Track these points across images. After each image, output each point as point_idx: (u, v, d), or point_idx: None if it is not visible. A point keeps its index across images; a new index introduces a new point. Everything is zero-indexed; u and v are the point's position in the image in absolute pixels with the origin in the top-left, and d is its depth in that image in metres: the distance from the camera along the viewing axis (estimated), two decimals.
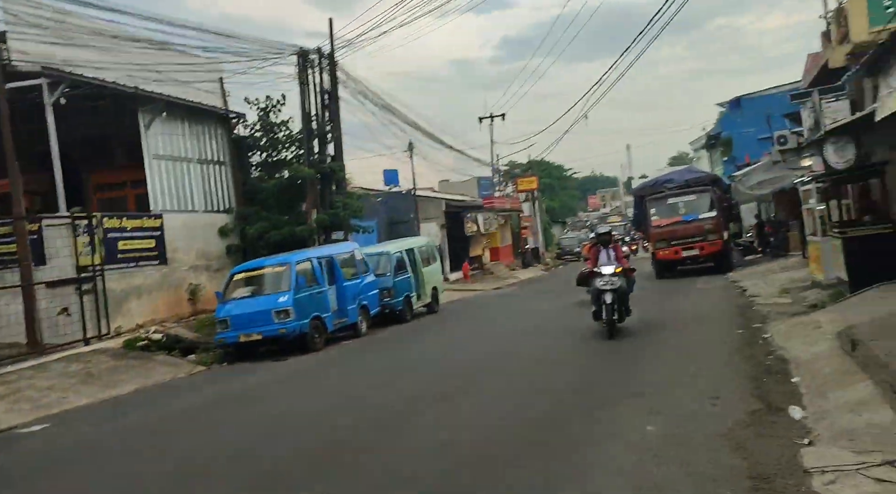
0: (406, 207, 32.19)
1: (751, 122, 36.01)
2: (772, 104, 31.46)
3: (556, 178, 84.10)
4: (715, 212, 23.26)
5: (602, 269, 11.28)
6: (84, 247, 15.00)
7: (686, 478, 4.94)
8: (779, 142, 21.26)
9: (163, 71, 16.93)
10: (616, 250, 11.72)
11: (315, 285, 14.89)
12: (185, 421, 9.03)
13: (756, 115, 34.01)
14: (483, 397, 8.33)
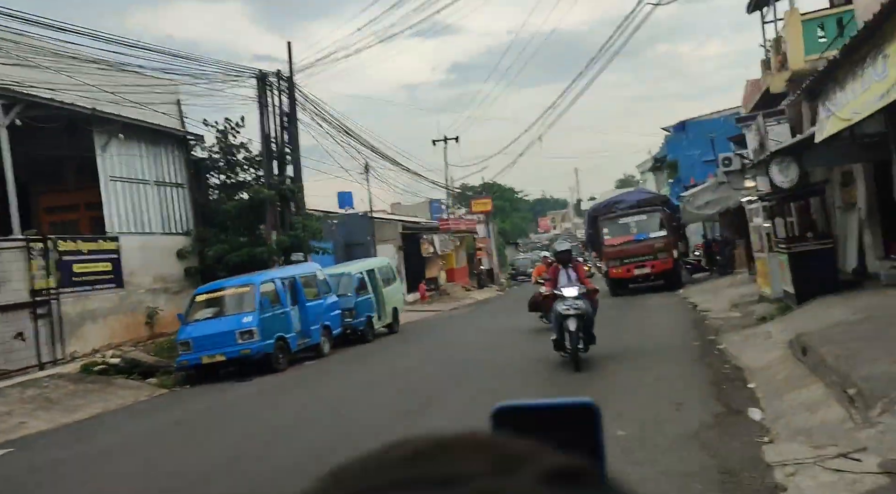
0: (362, 229, 32.27)
1: (695, 145, 37.17)
2: (715, 128, 32.62)
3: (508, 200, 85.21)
4: (665, 232, 24.05)
5: (564, 291, 9.85)
6: (39, 270, 14.68)
7: (660, 476, 5.23)
8: (724, 164, 22.18)
9: (120, 92, 16.80)
10: (578, 270, 10.39)
11: (278, 305, 14.88)
12: (150, 444, 8.95)
13: (700, 139, 35.19)
14: (446, 413, 8.46)
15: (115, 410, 11.77)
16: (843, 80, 9.19)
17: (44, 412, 11.16)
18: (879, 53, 7.34)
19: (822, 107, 10.35)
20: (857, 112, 8.10)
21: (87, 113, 16.26)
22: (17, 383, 12.72)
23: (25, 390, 12.19)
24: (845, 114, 8.65)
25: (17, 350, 14.01)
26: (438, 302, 33.49)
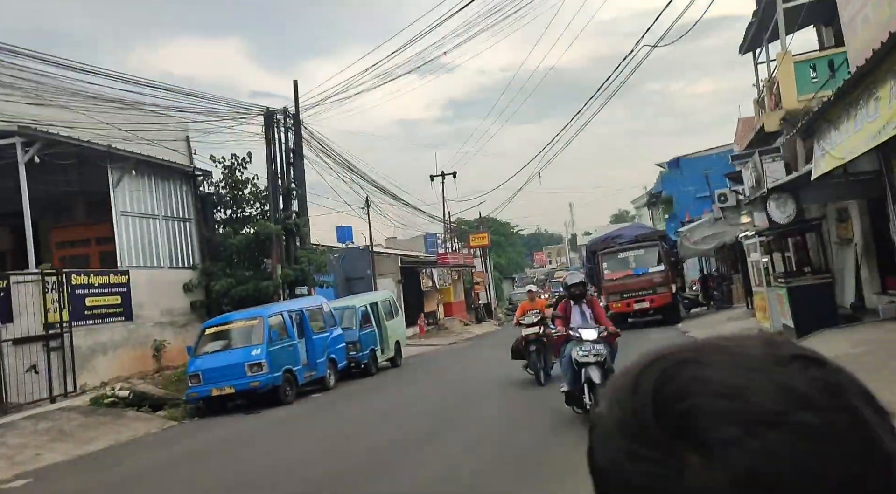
0: (362, 263, 32.58)
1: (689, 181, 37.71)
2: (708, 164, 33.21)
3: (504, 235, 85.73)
4: (663, 267, 24.42)
5: (582, 333, 8.27)
6: (52, 303, 14.90)
7: None
8: (720, 200, 22.68)
9: (133, 130, 17.24)
10: (594, 306, 8.91)
11: (286, 338, 15.10)
12: (165, 475, 9.10)
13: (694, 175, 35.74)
14: (447, 449, 8.42)
15: (128, 442, 11.88)
16: (837, 120, 9.64)
17: (58, 444, 11.28)
18: (871, 96, 7.78)
19: (816, 145, 10.79)
20: (851, 151, 8.52)
21: (102, 150, 16.66)
22: (29, 415, 12.83)
23: (38, 422, 12.30)
24: (839, 153, 9.07)
25: (30, 382, 14.14)
26: (437, 336, 33.62)
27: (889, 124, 6.90)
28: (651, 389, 0.47)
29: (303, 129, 21.95)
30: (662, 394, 0.47)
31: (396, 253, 37.21)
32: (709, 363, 0.47)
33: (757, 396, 0.44)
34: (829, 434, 0.43)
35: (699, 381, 0.46)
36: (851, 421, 0.45)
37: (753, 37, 18.74)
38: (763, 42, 18.91)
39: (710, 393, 0.45)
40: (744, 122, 23.89)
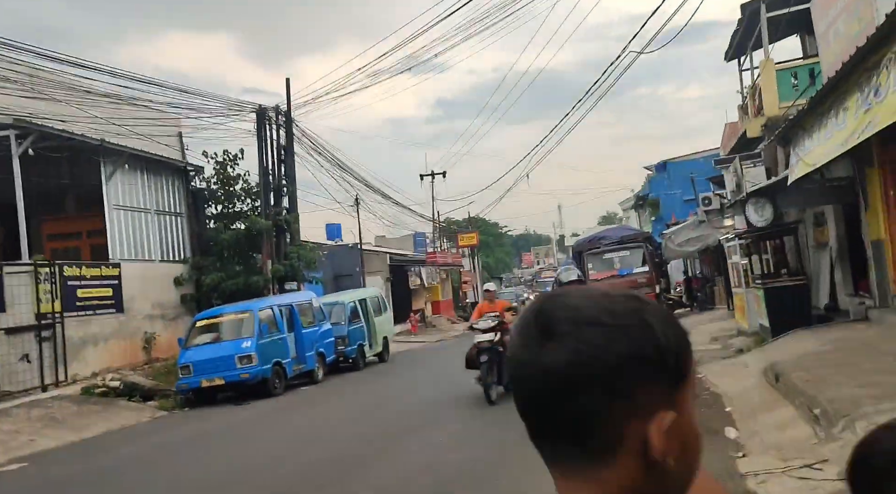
0: (351, 261, 32.82)
1: (676, 185, 38.22)
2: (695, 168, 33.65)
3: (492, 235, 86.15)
4: (647, 268, 24.85)
5: None
6: (45, 294, 15.10)
7: None
8: (704, 203, 23.14)
9: (127, 125, 17.44)
10: None
11: (276, 332, 15.38)
12: (155, 461, 9.38)
13: (680, 178, 36.20)
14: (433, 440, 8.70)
15: (120, 430, 12.14)
16: (810, 129, 10.05)
17: (52, 430, 11.52)
18: (841, 106, 8.18)
19: (792, 152, 11.20)
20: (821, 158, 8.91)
21: (96, 144, 16.86)
22: (21, 403, 13.04)
23: (31, 410, 12.52)
24: (811, 160, 9.47)
25: (21, 371, 14.34)
26: (425, 333, 33.95)
27: (854, 133, 7.28)
28: (535, 306, 0.82)
29: (294, 127, 22.20)
30: (539, 308, 0.81)
31: (385, 252, 37.50)
32: (570, 295, 0.82)
33: (587, 310, 0.78)
34: (624, 331, 0.77)
35: (559, 302, 0.80)
36: (641, 326, 0.78)
37: (738, 44, 19.17)
38: (747, 50, 19.34)
39: (562, 307, 0.79)
40: (730, 127, 24.37)
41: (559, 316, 0.77)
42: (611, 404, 0.74)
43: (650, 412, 0.75)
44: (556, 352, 0.75)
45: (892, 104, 6.39)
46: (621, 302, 0.79)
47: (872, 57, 7.01)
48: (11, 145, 15.11)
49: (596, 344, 0.75)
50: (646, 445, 0.74)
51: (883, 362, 8.03)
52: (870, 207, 11.87)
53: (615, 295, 0.81)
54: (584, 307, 0.78)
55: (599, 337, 0.75)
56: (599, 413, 0.74)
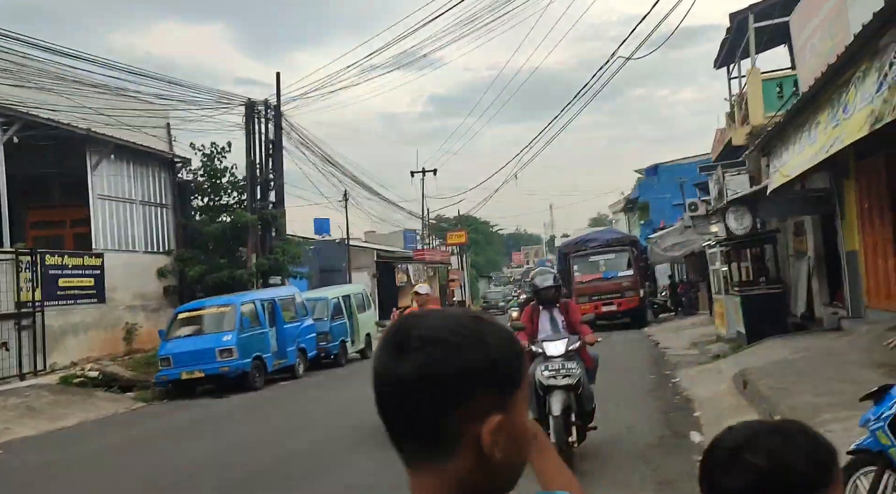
0: (338, 256, 32.88)
1: (666, 189, 38.41)
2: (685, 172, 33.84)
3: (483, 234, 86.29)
4: (632, 271, 25.03)
5: (546, 347, 6.44)
6: (25, 282, 15.08)
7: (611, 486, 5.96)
8: (690, 209, 23.34)
9: (114, 115, 17.42)
10: (570, 312, 6.94)
11: (257, 326, 15.43)
12: (132, 451, 9.44)
13: (671, 182, 36.38)
14: None
15: (97, 420, 12.18)
16: (787, 141, 10.20)
17: (28, 419, 11.54)
18: (814, 120, 8.32)
19: (771, 163, 11.35)
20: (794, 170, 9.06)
21: (82, 133, 16.83)
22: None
23: (8, 398, 12.53)
24: (787, 171, 9.62)
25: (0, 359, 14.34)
26: None
27: (823, 148, 7.41)
28: (397, 324, 0.94)
29: (283, 121, 22.22)
30: (398, 327, 0.93)
31: (373, 248, 37.56)
32: (425, 316, 0.94)
33: (436, 329, 0.90)
34: (463, 348, 0.89)
35: (415, 322, 0.92)
36: (479, 344, 0.90)
37: (727, 53, 19.34)
38: (736, 58, 19.52)
39: (416, 326, 0.91)
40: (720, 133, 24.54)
41: (413, 334, 0.90)
42: (451, 408, 0.89)
43: (484, 415, 0.89)
44: (408, 364, 0.88)
45: (858, 121, 6.52)
46: (466, 323, 0.92)
47: (843, 74, 7.15)
48: None
49: (439, 358, 0.88)
50: (478, 442, 0.89)
51: (847, 371, 8.18)
52: (846, 219, 12.06)
53: (462, 316, 0.94)
54: (433, 327, 0.91)
55: (442, 353, 0.89)
56: (443, 416, 0.89)
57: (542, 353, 6.41)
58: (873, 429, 3.65)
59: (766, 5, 16.14)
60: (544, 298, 6.89)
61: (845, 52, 6.77)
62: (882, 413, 3.62)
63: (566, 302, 7.13)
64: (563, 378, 6.27)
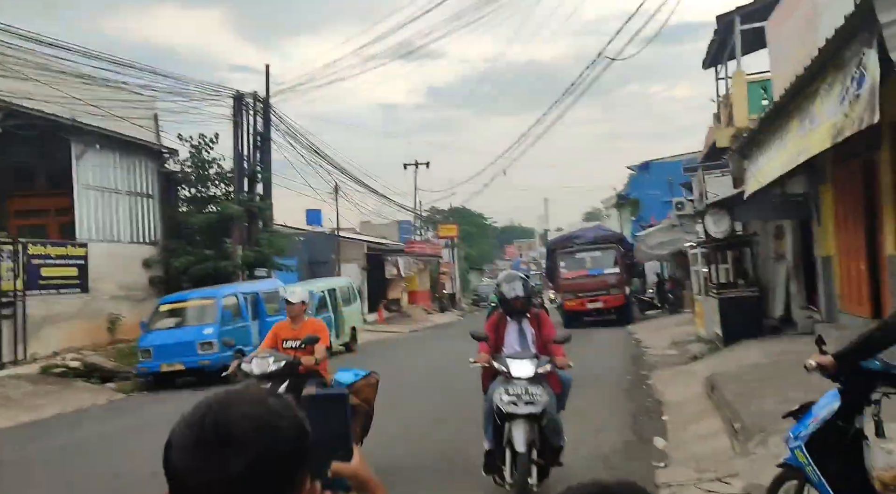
0: (328, 248, 32.89)
1: (657, 186, 38.42)
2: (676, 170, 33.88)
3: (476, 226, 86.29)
4: (618, 269, 25.17)
5: (511, 366, 5.55)
6: (7, 271, 15.10)
7: None
8: (677, 208, 23.44)
9: (100, 105, 17.39)
10: (542, 326, 5.97)
11: (239, 319, 15.48)
12: (109, 444, 9.49)
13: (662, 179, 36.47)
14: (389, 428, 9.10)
15: (74, 411, 12.22)
16: (763, 146, 10.27)
17: (4, 410, 11.58)
18: (785, 129, 8.39)
19: (748, 167, 11.44)
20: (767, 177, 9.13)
21: (66, 123, 16.81)
22: None
23: None
24: (760, 177, 9.69)
25: None
26: (399, 323, 34.10)
27: (791, 158, 7.49)
28: (199, 418, 0.99)
29: (272, 113, 22.21)
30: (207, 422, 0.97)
31: (363, 240, 37.57)
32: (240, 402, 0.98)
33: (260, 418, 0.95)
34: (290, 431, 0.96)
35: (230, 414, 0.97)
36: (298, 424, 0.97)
37: (715, 54, 19.39)
38: (723, 59, 19.57)
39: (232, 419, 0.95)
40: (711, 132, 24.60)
41: (234, 429, 0.93)
42: (282, 489, 0.95)
43: (303, 483, 0.98)
44: (237, 460, 0.91)
45: (822, 133, 6.59)
46: (279, 405, 0.97)
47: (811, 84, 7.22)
48: None
49: (274, 446, 0.93)
50: None
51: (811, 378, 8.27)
52: (822, 224, 12.16)
53: (267, 399, 0.98)
54: (255, 415, 0.94)
55: (276, 439, 0.93)
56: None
57: (505, 372, 5.52)
58: (792, 448, 3.76)
59: (753, 8, 16.17)
60: (512, 309, 5.94)
61: (813, 63, 6.84)
62: (800, 433, 3.70)
63: (538, 314, 6.09)
64: (526, 405, 5.35)
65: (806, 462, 3.63)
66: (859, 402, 3.52)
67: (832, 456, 3.57)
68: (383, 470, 7.03)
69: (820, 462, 3.56)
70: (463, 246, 61.15)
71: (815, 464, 3.57)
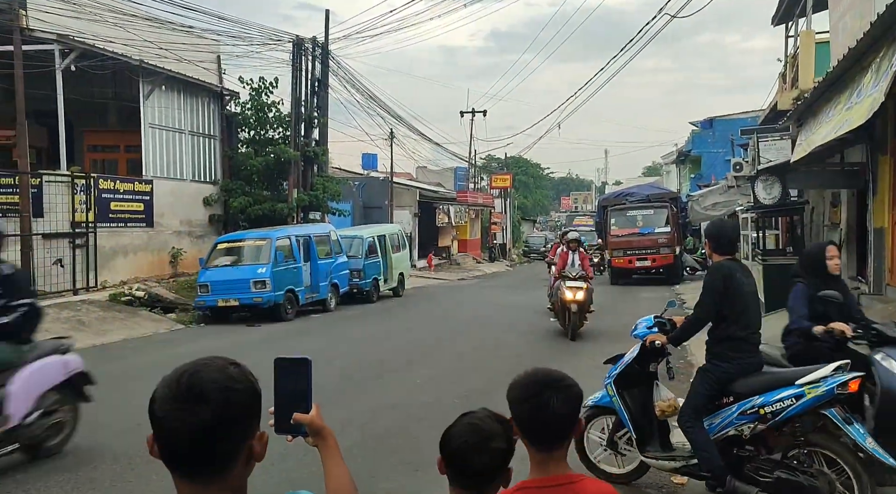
0: (381, 193, 33.42)
1: (720, 143, 37.46)
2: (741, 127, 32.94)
3: (533, 177, 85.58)
4: (669, 228, 24.94)
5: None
6: (80, 204, 16.07)
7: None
8: (735, 169, 22.92)
9: (167, 48, 18.00)
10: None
11: (291, 260, 16.18)
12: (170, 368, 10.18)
13: (726, 137, 35.51)
14: (428, 370, 9.76)
15: (139, 338, 13.16)
16: (818, 113, 10.11)
17: (77, 333, 12.50)
18: (837, 99, 8.28)
19: (801, 133, 11.24)
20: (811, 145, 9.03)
21: (135, 64, 17.49)
22: (53, 304, 14.13)
23: (61, 311, 13.61)
24: (806, 145, 9.58)
25: (56, 274, 15.48)
26: (447, 270, 34.68)
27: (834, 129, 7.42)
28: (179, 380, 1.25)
29: (330, 60, 22.47)
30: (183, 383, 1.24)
31: (416, 187, 37.95)
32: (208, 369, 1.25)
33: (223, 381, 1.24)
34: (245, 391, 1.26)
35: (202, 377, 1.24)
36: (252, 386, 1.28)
37: (785, 10, 18.66)
38: (794, 17, 18.82)
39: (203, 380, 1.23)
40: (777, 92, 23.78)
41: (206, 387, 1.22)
42: (242, 438, 1.25)
43: (255, 432, 1.28)
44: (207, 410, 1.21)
45: (865, 106, 6.56)
46: (237, 373, 1.28)
47: (864, 59, 7.13)
48: (56, 60, 15.82)
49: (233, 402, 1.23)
50: (250, 453, 1.27)
51: None
52: (878, 195, 11.91)
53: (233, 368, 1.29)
54: (218, 379, 1.25)
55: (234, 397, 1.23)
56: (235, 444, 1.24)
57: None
58: (605, 384, 5.08)
59: None
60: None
61: (865, 37, 6.75)
62: (612, 373, 5.07)
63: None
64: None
65: (613, 394, 4.99)
66: (654, 355, 4.97)
67: (630, 391, 5.00)
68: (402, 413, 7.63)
69: (621, 394, 4.98)
70: (517, 196, 60.92)
71: (619, 396, 4.96)
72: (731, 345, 4.41)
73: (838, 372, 4.15)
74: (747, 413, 4.31)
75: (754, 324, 4.51)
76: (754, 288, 4.63)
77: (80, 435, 6.77)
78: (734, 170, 22.78)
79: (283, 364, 1.53)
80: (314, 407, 1.53)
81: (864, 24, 7.23)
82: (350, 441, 6.31)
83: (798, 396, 4.16)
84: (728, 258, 4.61)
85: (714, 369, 4.48)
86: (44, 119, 17.85)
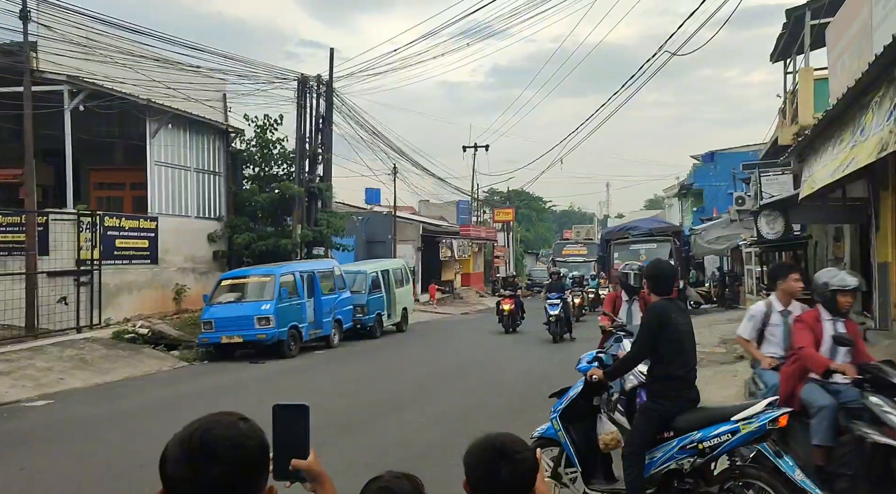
0: (384, 228, 33.52)
1: (721, 177, 37.63)
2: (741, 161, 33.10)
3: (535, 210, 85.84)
4: (673, 262, 24.90)
5: None
6: (85, 241, 16.15)
7: None
8: (737, 203, 23.03)
9: (174, 86, 18.28)
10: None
11: (295, 297, 16.18)
12: (173, 408, 10.21)
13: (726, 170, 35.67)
14: (433, 408, 9.68)
15: (142, 376, 13.10)
16: (819, 150, 10.18)
17: (80, 371, 12.53)
18: (839, 136, 8.36)
19: (805, 169, 11.31)
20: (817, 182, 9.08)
21: (142, 103, 17.74)
22: (57, 342, 14.14)
23: (65, 350, 13.59)
24: (812, 182, 9.63)
25: (60, 312, 15.48)
26: (451, 305, 34.57)
27: (840, 167, 7.47)
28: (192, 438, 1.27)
29: (334, 97, 22.78)
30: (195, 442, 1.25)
31: (419, 221, 38.09)
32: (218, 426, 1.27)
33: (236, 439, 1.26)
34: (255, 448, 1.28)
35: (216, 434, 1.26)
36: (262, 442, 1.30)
37: (784, 48, 18.91)
38: (792, 54, 19.06)
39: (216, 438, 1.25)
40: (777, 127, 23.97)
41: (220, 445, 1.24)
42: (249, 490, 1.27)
43: (264, 486, 1.30)
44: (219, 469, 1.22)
45: (871, 144, 6.61)
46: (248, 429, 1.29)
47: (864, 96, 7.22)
48: (64, 100, 16.07)
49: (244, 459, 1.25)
50: None
51: None
52: (880, 230, 11.93)
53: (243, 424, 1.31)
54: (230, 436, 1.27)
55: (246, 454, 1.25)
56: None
57: None
58: (551, 418, 5.18)
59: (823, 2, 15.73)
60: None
61: (864, 76, 6.84)
62: (557, 407, 5.17)
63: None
64: None
65: (558, 428, 5.11)
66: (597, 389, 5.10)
67: (575, 424, 5.16)
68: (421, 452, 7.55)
69: (566, 428, 5.11)
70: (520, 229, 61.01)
71: (564, 429, 5.10)
72: (669, 384, 4.58)
73: (769, 408, 4.36)
74: (687, 447, 4.48)
75: (690, 363, 4.70)
76: (690, 328, 4.77)
77: (81, 477, 6.71)
78: (737, 203, 22.91)
79: (281, 410, 1.55)
80: (312, 453, 1.54)
81: (863, 64, 7.34)
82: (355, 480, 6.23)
83: (733, 432, 4.35)
84: (665, 298, 4.77)
85: (655, 406, 4.64)
86: (50, 157, 18.07)
